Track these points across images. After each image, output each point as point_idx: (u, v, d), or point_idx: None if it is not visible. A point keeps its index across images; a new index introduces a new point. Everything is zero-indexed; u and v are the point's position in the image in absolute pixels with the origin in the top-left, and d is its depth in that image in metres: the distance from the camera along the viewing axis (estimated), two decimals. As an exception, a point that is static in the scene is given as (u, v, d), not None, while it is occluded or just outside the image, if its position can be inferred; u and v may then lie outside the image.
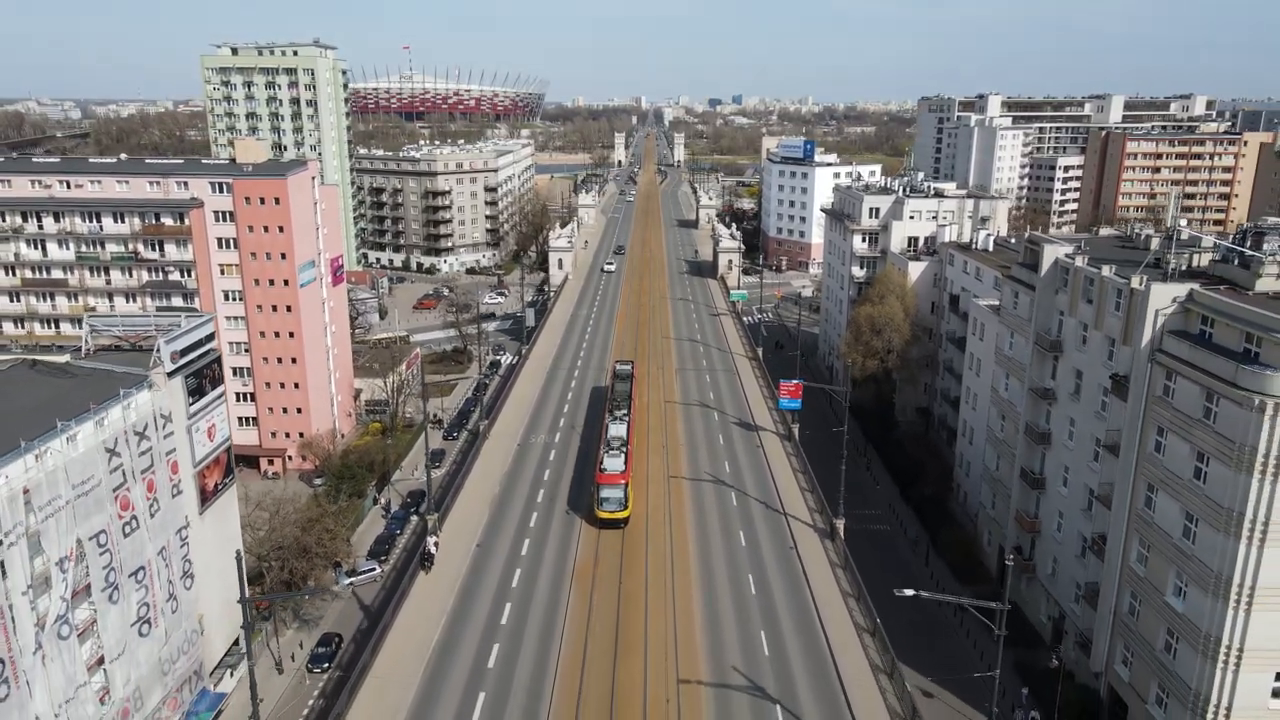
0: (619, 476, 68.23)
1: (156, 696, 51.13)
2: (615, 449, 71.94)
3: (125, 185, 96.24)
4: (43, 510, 41.28)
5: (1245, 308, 47.58)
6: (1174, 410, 50.79)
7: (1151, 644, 53.10)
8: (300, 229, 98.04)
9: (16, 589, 39.69)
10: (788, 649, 52.68)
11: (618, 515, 67.29)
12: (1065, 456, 65.58)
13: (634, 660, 51.32)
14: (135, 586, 48.97)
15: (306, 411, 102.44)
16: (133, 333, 58.62)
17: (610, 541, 65.82)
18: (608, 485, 67.79)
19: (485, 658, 51.98)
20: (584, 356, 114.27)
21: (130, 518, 48.45)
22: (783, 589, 58.35)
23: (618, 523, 67.09)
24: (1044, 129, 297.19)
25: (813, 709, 47.70)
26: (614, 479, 67.99)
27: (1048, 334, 67.15)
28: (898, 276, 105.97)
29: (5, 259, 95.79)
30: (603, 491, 67.81)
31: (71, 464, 43.43)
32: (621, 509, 67.45)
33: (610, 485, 67.72)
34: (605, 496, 67.64)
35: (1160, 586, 52.18)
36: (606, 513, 67.34)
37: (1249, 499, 45.30)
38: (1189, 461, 49.44)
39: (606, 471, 68.81)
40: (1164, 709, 52.10)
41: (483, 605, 57.64)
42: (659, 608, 56.57)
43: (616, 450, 71.69)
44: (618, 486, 67.64)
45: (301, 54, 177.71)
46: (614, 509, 67.33)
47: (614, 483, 67.78)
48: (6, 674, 39.07)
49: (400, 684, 49.14)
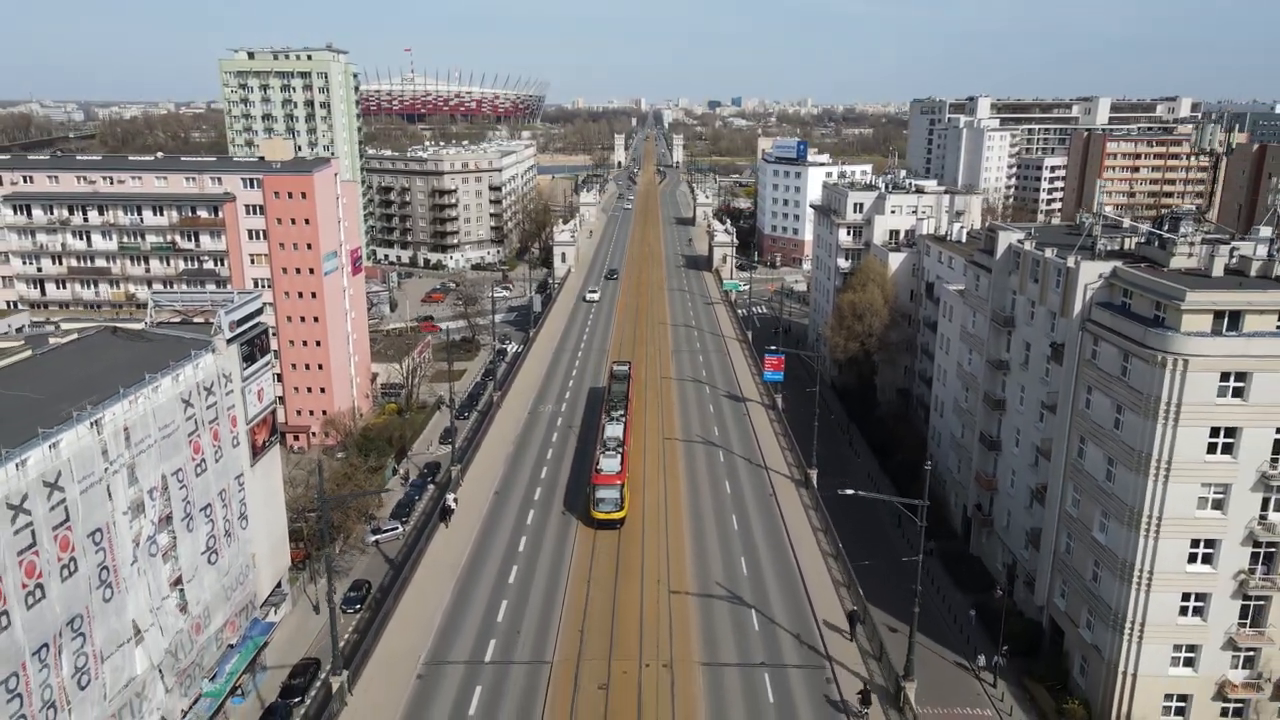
0: (615, 477, 68.77)
1: (220, 618, 59.11)
2: (611, 450, 72.52)
3: (164, 181, 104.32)
4: (137, 446, 49.27)
5: (1154, 280, 55.65)
6: (1099, 370, 58.88)
7: (1082, 575, 61.13)
8: (324, 222, 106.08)
9: (118, 509, 47.66)
10: (763, 570, 61.48)
11: (613, 516, 67.88)
12: (1017, 420, 73.63)
13: (632, 580, 60.17)
14: (204, 520, 56.98)
15: (329, 391, 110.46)
16: (190, 307, 66.61)
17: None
18: (604, 486, 68.32)
19: (506, 575, 60.56)
20: (587, 339, 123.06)
21: (200, 460, 56.46)
22: (761, 527, 67.17)
23: (613, 523, 67.93)
24: (1032, 130, 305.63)
25: (783, 614, 55.87)
26: (610, 479, 68.59)
27: (1002, 311, 75.24)
28: (878, 266, 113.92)
29: (53, 249, 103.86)
30: (599, 492, 68.29)
31: (157, 410, 51.42)
32: (617, 509, 68.12)
33: (606, 486, 68.28)
34: (601, 497, 68.14)
35: (1089, 524, 60.22)
36: (602, 513, 68.02)
37: (1154, 441, 53.36)
38: (1110, 413, 57.52)
39: (602, 472, 69.41)
40: (1091, 630, 60.16)
41: (501, 539, 66.11)
42: (654, 539, 65.27)
43: (613, 451, 72.35)
44: (614, 487, 68.19)
45: (315, 58, 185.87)
46: (610, 509, 67.96)
47: (610, 483, 68.36)
48: (111, 579, 47.05)
49: (429, 613, 57.08)
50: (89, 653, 45.30)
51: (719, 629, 55.99)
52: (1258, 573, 54.83)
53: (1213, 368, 51.81)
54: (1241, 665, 56.99)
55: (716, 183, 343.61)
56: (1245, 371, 51.83)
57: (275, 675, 64.69)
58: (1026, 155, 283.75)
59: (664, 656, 52.79)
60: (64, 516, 43.23)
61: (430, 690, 50.97)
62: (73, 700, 44.09)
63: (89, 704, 45.45)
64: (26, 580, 40.74)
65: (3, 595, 39.19)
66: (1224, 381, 52.03)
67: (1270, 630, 55.66)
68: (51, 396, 47.18)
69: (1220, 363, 51.78)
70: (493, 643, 55.52)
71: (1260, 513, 53.84)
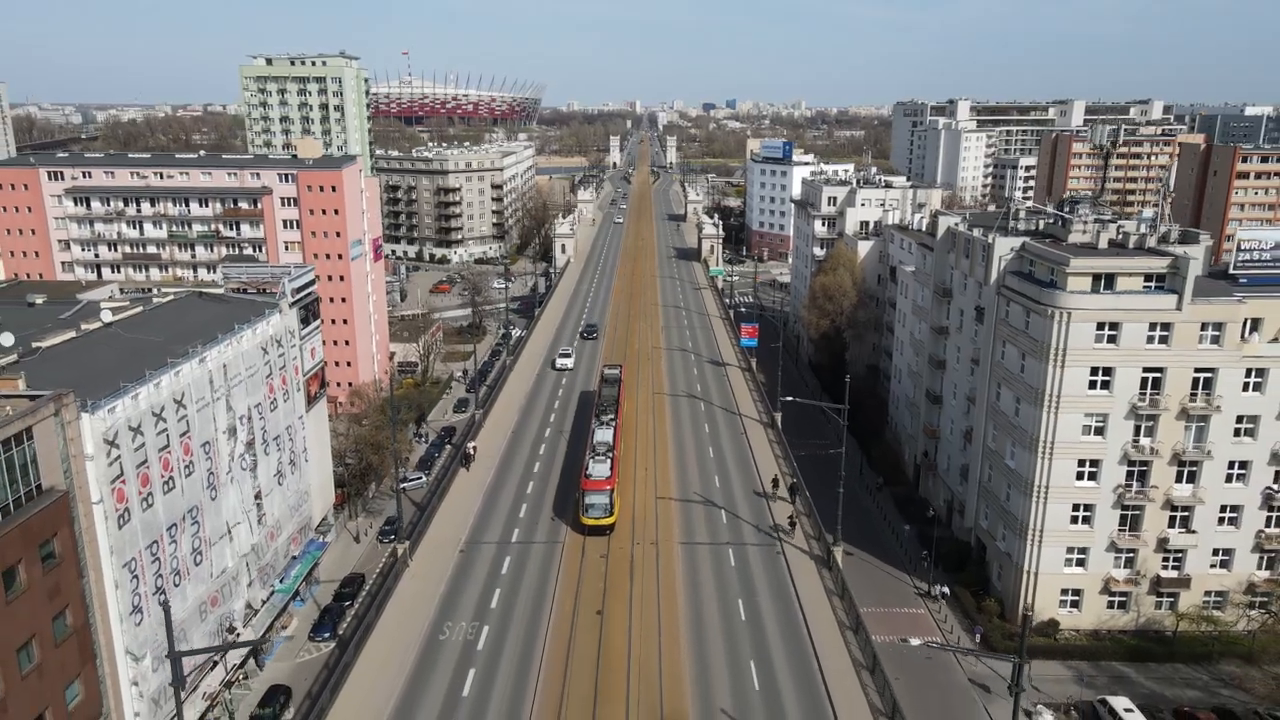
0: (604, 482, 67.98)
1: (287, 531, 71.67)
2: (601, 454, 71.49)
3: (208, 176, 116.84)
4: (231, 380, 61.77)
5: (1049, 250, 68.46)
6: (1009, 327, 71.71)
7: (999, 497, 73.93)
8: (351, 212, 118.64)
9: (220, 429, 60.16)
10: (734, 489, 75.04)
11: (603, 521, 67.30)
12: (954, 376, 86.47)
13: (624, 488, 72.97)
14: (275, 449, 69.50)
15: (355, 365, 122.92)
16: (255, 279, 79.06)
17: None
18: (593, 491, 67.56)
19: (517, 510, 73.18)
20: (585, 316, 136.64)
21: (273, 399, 69.00)
22: (733, 457, 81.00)
23: (602, 529, 67.61)
24: (1010, 132, 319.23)
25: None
26: (599, 485, 67.77)
27: (943, 283, 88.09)
28: (848, 253, 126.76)
29: (110, 237, 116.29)
30: (588, 497, 67.52)
31: (244, 354, 63.95)
32: (607, 515, 67.36)
33: (595, 491, 67.50)
34: (591, 502, 67.36)
35: (1003, 454, 73.03)
36: (591, 519, 67.26)
37: (1048, 380, 66.12)
38: (1017, 361, 70.32)
39: (592, 477, 68.47)
40: (1005, 541, 72.98)
41: (514, 474, 78.90)
42: (645, 462, 78.75)
43: (602, 456, 71.26)
44: (603, 492, 67.46)
45: (330, 64, 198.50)
46: (599, 515, 67.14)
47: (599, 488, 67.56)
48: (215, 484, 59.57)
49: (451, 543, 69.28)
50: (201, 538, 57.84)
51: (693, 517, 71.66)
52: (1133, 487, 67.63)
53: (1091, 319, 64.59)
54: (1123, 565, 69.81)
55: (709, 182, 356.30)
56: (1117, 322, 64.64)
57: (326, 589, 77.33)
58: (1005, 155, 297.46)
59: (650, 536, 68.28)
60: (186, 428, 55.78)
61: (469, 561, 64.99)
62: (191, 572, 56.61)
63: (199, 579, 57.95)
64: (163, 473, 53.27)
65: (149, 481, 51.73)
66: (1100, 330, 64.83)
67: (1145, 534, 68.50)
68: (166, 340, 59.61)
69: (1097, 315, 64.56)
70: (516, 530, 69.86)
71: (1133, 437, 66.67)
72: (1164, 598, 69.99)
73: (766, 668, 52.34)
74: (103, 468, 47.63)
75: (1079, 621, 70.30)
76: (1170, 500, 67.71)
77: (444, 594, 60.51)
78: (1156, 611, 69.99)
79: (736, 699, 49.75)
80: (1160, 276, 64.86)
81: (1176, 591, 69.65)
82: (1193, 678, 65.62)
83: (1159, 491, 67.42)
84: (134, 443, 50.33)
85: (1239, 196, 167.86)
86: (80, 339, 57.19)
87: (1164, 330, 64.55)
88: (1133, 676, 65.54)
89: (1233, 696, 63.19)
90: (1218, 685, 64.68)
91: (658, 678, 50.99)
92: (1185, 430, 66.48)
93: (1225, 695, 63.47)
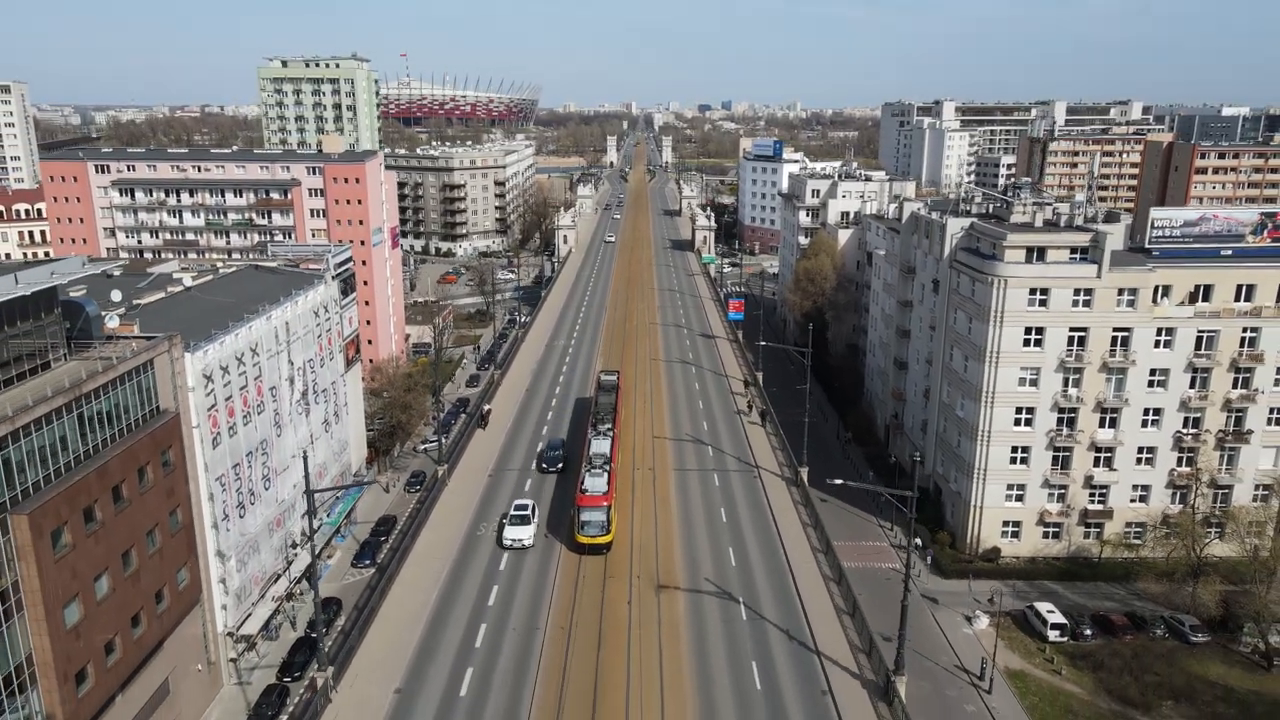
0: (601, 498, 63.32)
1: (332, 473, 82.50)
2: (598, 467, 66.90)
3: (242, 169, 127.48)
4: (292, 336, 72.60)
5: (991, 228, 79.42)
6: (960, 295, 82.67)
7: (952, 445, 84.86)
8: (372, 202, 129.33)
9: (283, 376, 70.95)
10: (721, 437, 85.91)
11: (599, 540, 62.31)
12: (917, 343, 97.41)
13: (624, 450, 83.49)
14: (323, 400, 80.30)
15: (375, 343, 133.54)
16: (299, 255, 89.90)
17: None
18: (589, 508, 62.69)
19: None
20: (588, 300, 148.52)
21: (321, 357, 79.80)
22: (720, 413, 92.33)
23: (599, 548, 62.76)
24: (994, 131, 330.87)
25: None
26: (596, 500, 63.06)
27: (908, 262, 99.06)
28: (828, 240, 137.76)
29: (151, 225, 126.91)
30: (584, 514, 62.63)
31: (299, 315, 74.74)
32: (604, 533, 62.37)
33: (592, 508, 62.66)
34: (586, 520, 62.49)
35: (954, 406, 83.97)
36: (587, 537, 62.35)
37: (989, 339, 77.03)
38: (966, 324, 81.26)
39: (588, 493, 63.72)
40: (956, 483, 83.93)
41: (526, 434, 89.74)
42: (644, 426, 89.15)
43: (599, 469, 66.63)
44: (600, 509, 62.60)
45: (342, 66, 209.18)
46: (595, 533, 62.30)
47: (596, 505, 62.80)
48: (279, 423, 70.36)
49: (469, 491, 79.78)
50: (269, 467, 68.62)
51: (686, 453, 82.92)
52: (1063, 431, 78.57)
53: (1024, 285, 75.50)
54: (1056, 500, 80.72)
55: (703, 180, 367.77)
56: (1047, 288, 75.58)
57: (362, 528, 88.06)
58: (988, 154, 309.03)
59: (649, 463, 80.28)
60: (259, 372, 66.58)
61: (496, 484, 76.75)
62: (261, 496, 67.36)
63: (267, 503, 68.71)
64: (243, 408, 64.06)
65: (234, 413, 62.51)
66: (1032, 295, 75.74)
67: (1074, 472, 79.45)
68: (238, 301, 70.36)
69: (1030, 281, 75.48)
70: (531, 462, 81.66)
71: (1062, 388, 77.60)
72: (1091, 528, 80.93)
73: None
74: (201, 398, 58.43)
75: (1019, 550, 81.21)
76: (1095, 443, 78.68)
77: (477, 505, 71.89)
78: (1085, 540, 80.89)
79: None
80: (1084, 249, 75.85)
81: (1102, 522, 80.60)
82: (1112, 593, 76.56)
83: (1085, 435, 78.40)
84: (223, 380, 61.15)
85: (1198, 190, 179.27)
86: (168, 299, 68.02)
87: (1086, 295, 75.53)
88: (1061, 592, 76.44)
89: (1144, 606, 74.08)
90: (1132, 598, 75.60)
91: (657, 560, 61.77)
92: (1106, 382, 77.44)
93: (1138, 605, 74.35)
